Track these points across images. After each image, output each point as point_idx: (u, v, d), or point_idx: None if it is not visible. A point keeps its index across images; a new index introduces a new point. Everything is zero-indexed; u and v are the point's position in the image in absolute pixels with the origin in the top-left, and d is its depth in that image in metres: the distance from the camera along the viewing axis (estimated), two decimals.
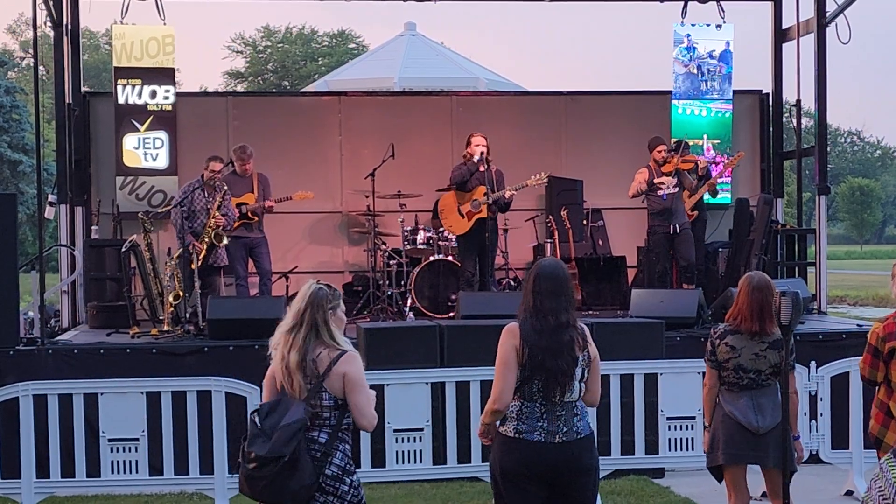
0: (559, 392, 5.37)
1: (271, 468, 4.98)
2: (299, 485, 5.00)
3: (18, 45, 69.55)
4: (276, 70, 62.61)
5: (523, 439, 5.35)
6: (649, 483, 9.33)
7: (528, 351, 5.36)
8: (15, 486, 8.48)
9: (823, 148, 13.71)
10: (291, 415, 5.03)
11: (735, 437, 6.51)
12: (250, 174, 12.34)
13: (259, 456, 5.01)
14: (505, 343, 5.42)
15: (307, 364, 5.14)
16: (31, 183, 41.08)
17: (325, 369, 5.13)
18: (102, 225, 13.53)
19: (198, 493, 8.94)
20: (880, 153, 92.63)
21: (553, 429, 5.35)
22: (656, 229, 12.49)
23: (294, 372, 5.14)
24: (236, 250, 12.17)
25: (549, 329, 5.39)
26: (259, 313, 10.52)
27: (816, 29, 13.43)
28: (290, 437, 4.98)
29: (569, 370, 5.37)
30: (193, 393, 8.58)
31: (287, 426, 4.99)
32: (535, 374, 5.36)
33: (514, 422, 5.39)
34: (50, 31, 12.98)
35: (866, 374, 6.53)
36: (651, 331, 9.84)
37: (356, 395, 5.16)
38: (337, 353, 5.18)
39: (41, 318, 10.68)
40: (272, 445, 4.98)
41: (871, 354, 6.47)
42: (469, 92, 16.31)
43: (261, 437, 5.04)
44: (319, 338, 5.20)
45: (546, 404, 5.37)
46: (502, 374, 5.38)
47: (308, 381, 5.13)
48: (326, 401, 5.13)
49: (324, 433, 5.13)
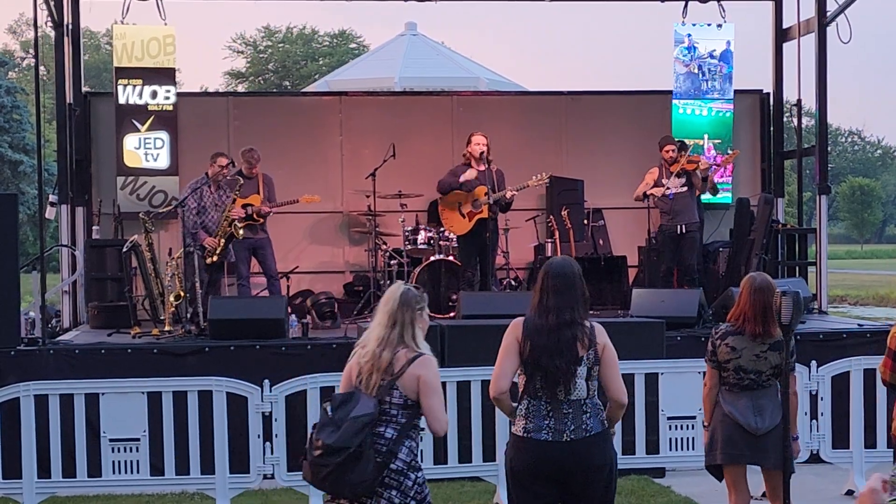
0: (563, 390, 5.36)
1: (336, 458, 5.06)
2: (359, 479, 5.07)
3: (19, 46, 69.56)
4: (276, 70, 62.59)
5: (531, 438, 5.35)
6: (650, 483, 9.34)
7: (528, 347, 5.38)
8: (16, 487, 8.48)
9: (824, 147, 13.71)
10: (361, 408, 5.13)
11: (734, 438, 6.51)
12: (256, 175, 12.37)
13: (326, 444, 5.09)
14: (508, 334, 5.47)
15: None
16: (31, 183, 41.08)
17: (401, 368, 5.21)
18: (103, 225, 13.53)
19: (199, 493, 8.95)
20: (881, 153, 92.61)
21: (560, 427, 5.35)
22: (664, 227, 12.55)
23: (379, 370, 5.22)
24: (241, 250, 12.18)
25: (549, 327, 5.40)
26: (260, 313, 10.55)
27: (817, 28, 13.43)
28: (358, 429, 5.07)
29: (569, 369, 5.36)
30: (194, 393, 8.59)
31: (356, 418, 5.09)
32: (535, 371, 5.37)
33: (523, 420, 5.40)
34: (51, 31, 12.98)
35: (887, 377, 6.47)
36: (652, 331, 9.85)
37: (430, 399, 5.23)
38: (414, 355, 5.25)
39: (42, 319, 10.68)
40: (340, 435, 5.07)
41: (891, 358, 6.41)
42: (470, 92, 16.31)
43: (330, 427, 5.13)
44: (402, 337, 5.28)
45: (551, 402, 5.37)
46: (500, 360, 5.44)
47: (381, 378, 5.21)
48: (397, 399, 5.21)
49: (391, 429, 5.19)
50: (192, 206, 11.71)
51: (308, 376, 8.67)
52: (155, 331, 10.95)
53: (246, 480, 8.63)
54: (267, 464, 8.57)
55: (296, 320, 11.17)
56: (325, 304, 12.41)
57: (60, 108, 13.00)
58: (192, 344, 10.35)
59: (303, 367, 9.44)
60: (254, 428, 8.56)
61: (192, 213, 11.68)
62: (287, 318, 10.80)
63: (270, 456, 8.55)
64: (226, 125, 14.40)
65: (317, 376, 8.67)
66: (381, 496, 5.15)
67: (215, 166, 11.88)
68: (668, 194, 12.44)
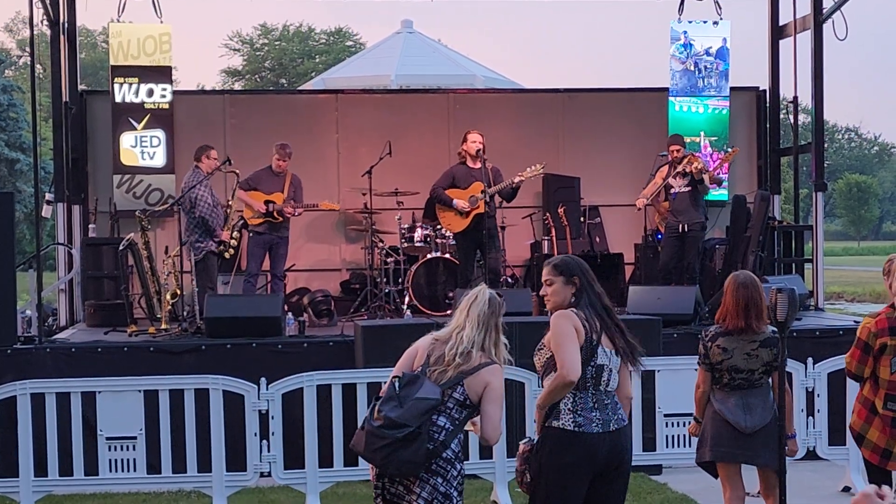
0: (607, 380, 5.44)
1: (395, 433, 5.11)
2: (410, 458, 5.13)
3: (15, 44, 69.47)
4: (273, 68, 62.55)
5: (583, 432, 5.36)
6: (647, 480, 9.35)
7: (587, 335, 5.42)
8: (13, 485, 8.48)
9: (820, 144, 13.72)
10: (427, 392, 5.19)
11: (723, 436, 6.53)
12: (284, 173, 12.31)
13: (388, 417, 5.14)
14: (565, 323, 5.42)
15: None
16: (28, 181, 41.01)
17: (473, 369, 5.27)
18: (100, 223, 13.53)
19: (196, 491, 8.94)
20: (877, 149, 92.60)
21: (606, 418, 5.41)
22: (668, 225, 12.53)
23: (458, 367, 5.27)
24: (256, 246, 12.16)
25: (599, 310, 5.53)
26: (257, 311, 10.54)
27: (813, 25, 13.44)
28: (422, 411, 5.15)
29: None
30: (191, 391, 8.58)
31: (423, 400, 5.17)
32: (587, 361, 5.39)
33: (571, 414, 5.40)
34: (47, 29, 12.96)
35: (853, 368, 6.54)
36: (648, 328, 9.83)
37: (493, 406, 5.29)
38: (488, 360, 5.32)
39: (39, 317, 10.67)
40: (404, 412, 5.14)
41: (860, 350, 6.47)
42: (466, 89, 16.30)
43: (394, 401, 5.19)
44: (485, 341, 5.35)
45: (596, 394, 5.42)
46: (568, 347, 5.35)
47: (448, 369, 5.28)
48: (458, 395, 5.26)
49: (443, 418, 5.24)
50: (209, 202, 11.42)
51: (305, 374, 8.66)
52: (151, 329, 10.94)
53: (243, 478, 8.63)
54: (264, 462, 8.56)
55: (292, 318, 11.17)
56: (321, 301, 12.41)
57: (57, 107, 12.99)
58: (189, 342, 10.34)
59: (299, 365, 9.45)
60: (250, 426, 8.55)
61: (210, 208, 11.39)
62: (284, 316, 10.80)
63: (267, 454, 8.55)
64: (222, 123, 14.40)
65: (313, 374, 8.67)
66: (427, 482, 5.20)
67: (210, 160, 11.61)
68: (671, 193, 12.44)
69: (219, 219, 11.55)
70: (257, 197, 12.20)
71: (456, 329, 5.37)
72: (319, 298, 12.46)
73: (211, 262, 11.49)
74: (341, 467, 8.58)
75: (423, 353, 5.39)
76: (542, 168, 12.13)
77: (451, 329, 5.39)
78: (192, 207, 11.37)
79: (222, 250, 11.51)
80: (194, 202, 11.37)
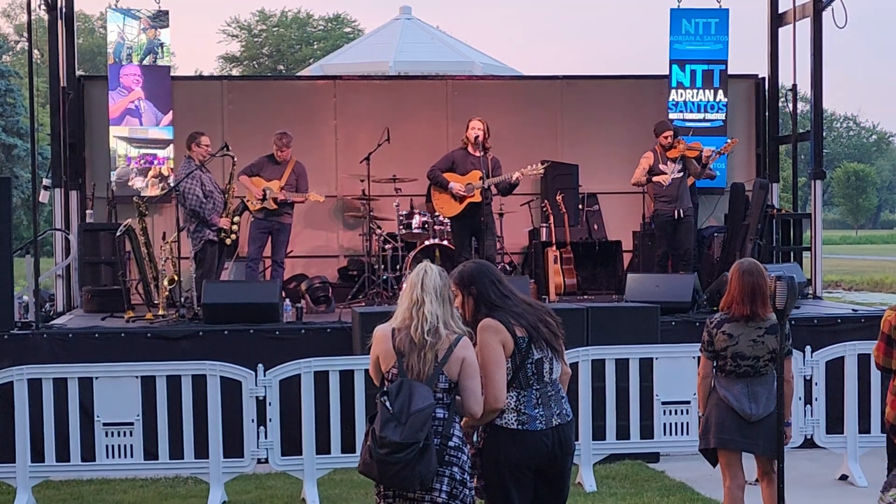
0: (549, 370, 5.37)
1: (406, 454, 4.99)
2: (427, 469, 5.04)
3: (13, 29, 69.40)
4: (271, 54, 62.46)
5: (527, 430, 5.31)
6: (644, 468, 9.35)
7: (515, 338, 5.33)
8: (10, 471, 8.48)
9: (819, 133, 13.69)
10: (420, 399, 5.05)
11: (727, 423, 6.53)
12: (286, 161, 12.25)
13: (394, 442, 4.99)
14: (490, 340, 5.30)
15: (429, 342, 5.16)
16: (25, 167, 40.93)
17: (445, 354, 5.15)
18: (97, 209, 13.51)
19: (192, 477, 8.94)
20: (876, 138, 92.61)
21: (549, 413, 5.35)
22: (660, 213, 12.41)
23: (433, 347, 5.13)
24: (257, 231, 12.12)
25: (519, 309, 5.43)
26: (254, 298, 10.52)
27: (813, 13, 13.41)
28: (423, 422, 5.01)
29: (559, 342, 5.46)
30: (188, 377, 8.57)
31: (420, 412, 5.02)
32: (524, 361, 5.34)
33: (514, 413, 5.33)
34: (44, 14, 12.92)
35: (880, 361, 6.49)
36: (646, 316, 9.84)
37: (472, 380, 5.19)
38: (455, 337, 5.18)
39: (36, 303, 10.65)
40: (407, 431, 4.99)
41: (884, 342, 6.43)
42: (465, 76, 16.26)
43: (393, 422, 5.02)
44: (447, 315, 5.20)
45: (541, 388, 5.36)
46: (494, 373, 5.26)
47: (432, 362, 5.15)
48: (442, 383, 5.16)
49: (440, 409, 5.16)
50: (198, 194, 11.26)
51: (302, 361, 8.65)
52: (149, 315, 10.93)
53: (240, 465, 8.63)
54: (261, 448, 8.56)
55: (290, 305, 11.15)
56: (319, 288, 12.39)
57: (54, 92, 12.96)
58: (186, 328, 10.33)
59: (297, 351, 9.45)
60: (248, 412, 8.55)
61: (199, 200, 11.26)
62: (281, 303, 10.79)
63: (264, 440, 8.54)
64: (220, 109, 14.37)
65: (311, 361, 8.66)
66: (444, 474, 5.13)
67: (201, 148, 11.44)
68: (665, 183, 12.38)
69: (216, 207, 11.44)
70: (258, 183, 12.16)
71: (413, 306, 5.17)
72: (317, 285, 12.45)
73: (210, 251, 11.43)
74: (339, 454, 8.57)
75: (387, 351, 5.20)
76: (542, 168, 12.02)
77: (407, 308, 5.19)
78: (183, 200, 11.34)
79: (223, 237, 11.46)
80: (184, 195, 11.29)
